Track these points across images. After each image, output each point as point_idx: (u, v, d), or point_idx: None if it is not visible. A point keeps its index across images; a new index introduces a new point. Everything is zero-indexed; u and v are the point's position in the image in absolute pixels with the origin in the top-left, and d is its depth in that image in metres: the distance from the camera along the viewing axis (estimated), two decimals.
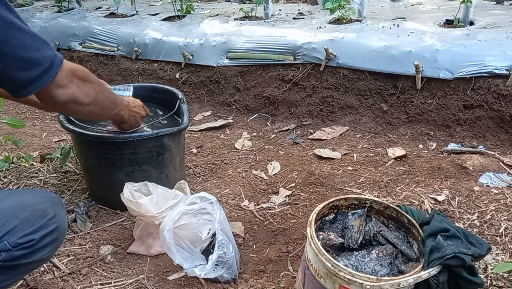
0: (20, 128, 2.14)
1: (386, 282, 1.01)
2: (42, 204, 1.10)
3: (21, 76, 1.02)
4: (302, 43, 2.53)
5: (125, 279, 1.43)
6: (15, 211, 1.05)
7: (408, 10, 3.05)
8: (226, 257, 1.36)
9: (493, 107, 2.05)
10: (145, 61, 3.11)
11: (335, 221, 1.28)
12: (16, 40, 0.98)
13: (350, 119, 2.42)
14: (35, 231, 1.05)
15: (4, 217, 1.03)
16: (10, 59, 0.98)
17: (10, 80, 1.02)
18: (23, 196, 1.13)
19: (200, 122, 2.69)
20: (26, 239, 1.03)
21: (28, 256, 1.05)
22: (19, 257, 1.03)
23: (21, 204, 1.08)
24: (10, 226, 1.02)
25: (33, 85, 1.04)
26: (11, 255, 1.02)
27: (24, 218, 1.05)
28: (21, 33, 0.99)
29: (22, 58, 1.00)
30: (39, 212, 1.08)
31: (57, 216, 1.11)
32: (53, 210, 1.11)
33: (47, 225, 1.08)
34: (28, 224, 1.05)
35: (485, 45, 2.12)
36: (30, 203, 1.09)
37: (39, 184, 1.96)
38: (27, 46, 1.00)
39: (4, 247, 1.01)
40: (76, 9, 4.00)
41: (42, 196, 1.14)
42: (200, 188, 1.96)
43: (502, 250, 1.42)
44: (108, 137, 1.59)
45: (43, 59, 1.03)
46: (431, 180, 1.85)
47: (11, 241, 1.02)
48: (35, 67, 1.02)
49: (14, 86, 1.04)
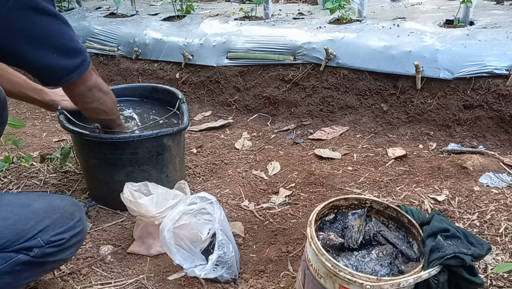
0: (20, 128, 2.14)
1: (386, 282, 1.01)
2: (70, 207, 1.20)
3: (69, 63, 1.21)
4: (302, 43, 2.53)
5: (125, 279, 1.43)
6: (47, 211, 1.14)
7: (408, 10, 3.05)
8: (226, 257, 1.36)
9: (493, 107, 2.05)
10: (145, 61, 3.11)
11: (335, 221, 1.28)
12: (66, 34, 1.19)
13: (350, 119, 2.42)
14: (65, 231, 1.15)
15: (37, 216, 1.12)
16: (62, 48, 1.18)
17: (57, 69, 1.20)
18: (52, 198, 1.23)
19: (200, 122, 2.69)
20: (57, 237, 1.13)
21: (56, 254, 1.14)
22: (48, 254, 1.12)
23: (52, 205, 1.17)
24: (44, 224, 1.11)
25: (77, 70, 1.24)
26: (43, 251, 1.10)
27: (55, 219, 1.14)
28: (67, 27, 1.20)
29: (70, 48, 1.20)
30: (67, 214, 1.17)
31: (82, 219, 1.22)
32: (79, 214, 1.21)
33: (75, 227, 1.18)
34: (59, 224, 1.14)
35: (485, 45, 2.12)
36: (59, 205, 1.18)
37: (39, 184, 1.96)
38: (72, 38, 1.21)
39: (37, 243, 1.09)
40: (76, 9, 4.00)
41: (68, 199, 1.25)
42: (200, 188, 1.96)
43: (502, 250, 1.42)
44: (108, 138, 1.58)
45: (82, 48, 1.25)
46: (431, 180, 1.85)
47: (44, 239, 1.10)
48: (78, 55, 1.23)
49: (61, 74, 1.22)
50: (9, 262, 1.07)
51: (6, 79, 1.54)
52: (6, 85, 1.54)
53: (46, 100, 1.68)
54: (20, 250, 1.08)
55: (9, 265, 1.07)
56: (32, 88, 1.62)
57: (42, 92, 1.65)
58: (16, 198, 1.21)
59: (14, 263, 1.07)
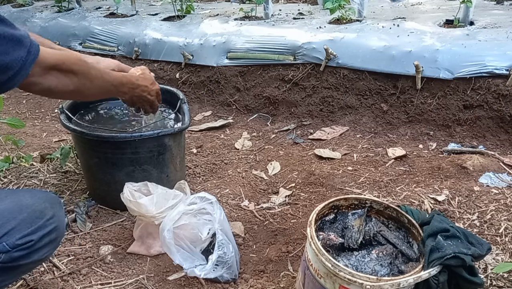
0: (20, 128, 2.14)
1: (386, 282, 1.01)
2: (40, 205, 1.10)
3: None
4: (302, 43, 2.53)
5: (125, 279, 1.43)
6: (12, 212, 1.05)
7: (408, 10, 3.05)
8: (226, 257, 1.36)
9: (493, 107, 2.05)
10: (145, 61, 3.11)
11: (335, 221, 1.28)
12: None
13: (350, 119, 2.42)
14: (34, 232, 1.05)
15: (1, 218, 1.03)
16: None
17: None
18: (20, 196, 1.12)
19: (200, 122, 2.69)
20: (24, 240, 1.04)
21: (27, 256, 1.05)
22: (18, 258, 1.04)
23: (18, 205, 1.07)
24: (8, 227, 1.02)
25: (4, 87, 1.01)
26: (10, 256, 1.02)
27: (22, 219, 1.05)
28: None
29: None
30: (37, 212, 1.08)
31: (55, 216, 1.11)
32: (51, 210, 1.11)
33: (45, 226, 1.08)
34: (26, 225, 1.05)
35: (485, 45, 2.12)
36: (27, 204, 1.08)
37: (39, 184, 1.96)
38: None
39: (2, 248, 1.01)
40: (76, 9, 4.00)
41: (39, 196, 1.14)
42: (200, 188, 1.96)
43: (502, 250, 1.42)
44: (109, 137, 1.59)
45: (12, 63, 0.98)
46: (431, 180, 1.85)
47: (9, 243, 1.02)
48: (4, 72, 0.99)
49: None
50: None
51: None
52: None
53: None
54: None
55: None
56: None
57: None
58: None
59: None
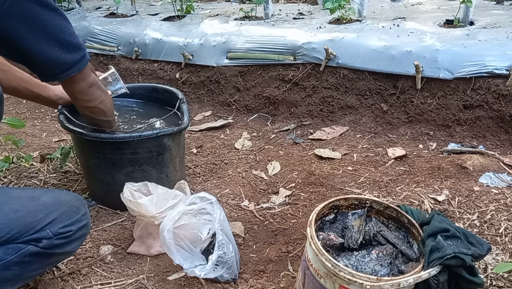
0: (20, 128, 2.14)
1: (386, 282, 1.01)
2: (75, 202, 1.24)
3: (68, 58, 1.24)
4: (302, 43, 2.53)
5: (125, 279, 1.43)
6: (55, 204, 1.18)
7: (408, 10, 3.05)
8: (226, 257, 1.36)
9: (493, 107, 2.05)
10: (145, 61, 3.11)
11: (335, 221, 1.28)
12: (67, 29, 1.22)
13: (350, 119, 2.42)
14: (72, 224, 1.19)
15: (46, 209, 1.15)
16: (63, 43, 1.21)
17: (58, 63, 1.23)
18: (58, 193, 1.26)
19: (200, 122, 2.69)
20: (65, 229, 1.17)
21: (63, 246, 1.18)
22: (56, 246, 1.16)
23: (59, 199, 1.21)
24: (52, 217, 1.15)
25: (75, 66, 1.27)
26: (51, 243, 1.14)
27: (63, 211, 1.18)
28: (68, 23, 1.23)
29: (71, 43, 1.23)
30: (74, 207, 1.22)
31: (87, 214, 1.26)
32: (84, 208, 1.25)
33: (81, 220, 1.22)
34: (66, 216, 1.18)
35: (485, 45, 2.12)
36: (66, 199, 1.22)
37: (39, 184, 1.96)
38: (72, 33, 1.24)
39: (46, 235, 1.13)
40: (76, 9, 4.00)
41: (73, 195, 1.29)
42: (200, 188, 1.96)
43: (502, 250, 1.42)
44: (108, 137, 1.58)
45: (82, 45, 1.28)
46: (431, 180, 1.85)
47: (53, 230, 1.14)
48: (78, 51, 1.26)
49: (60, 69, 1.25)
50: (19, 252, 1.10)
51: (11, 75, 1.54)
52: (11, 82, 1.53)
53: (51, 96, 1.66)
54: (30, 241, 1.11)
55: (19, 256, 1.10)
56: (37, 84, 1.61)
57: (47, 88, 1.65)
58: (25, 192, 1.24)
59: (23, 254, 1.10)
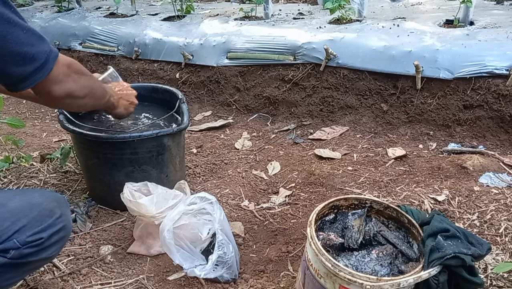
0: (20, 128, 2.13)
1: (386, 282, 1.01)
2: (49, 204, 1.13)
3: (16, 72, 1.02)
4: (302, 43, 2.53)
5: (125, 279, 1.43)
6: (24, 210, 1.08)
7: (408, 10, 3.05)
8: (226, 257, 1.36)
9: (493, 107, 2.05)
10: (145, 61, 3.11)
11: (335, 221, 1.28)
12: (12, 36, 0.98)
13: (350, 119, 2.42)
14: (44, 230, 1.08)
15: (13, 216, 1.06)
16: (5, 54, 0.98)
17: (5, 75, 1.03)
18: (30, 195, 1.15)
19: (200, 122, 2.69)
20: (35, 237, 1.06)
21: (36, 254, 1.08)
22: (27, 255, 1.06)
23: (29, 203, 1.10)
24: (20, 224, 1.05)
25: (28, 80, 1.04)
26: (20, 253, 1.05)
27: (33, 217, 1.08)
28: (17, 29, 0.99)
29: (17, 54, 1.00)
30: (46, 211, 1.11)
31: (63, 216, 1.15)
32: (60, 210, 1.14)
33: (55, 224, 1.11)
34: (36, 223, 1.08)
35: (485, 45, 2.12)
36: (37, 203, 1.11)
37: (39, 184, 1.96)
38: (22, 41, 1.00)
39: (13, 245, 1.03)
40: (76, 9, 4.00)
41: (48, 195, 1.18)
42: (200, 188, 1.96)
43: (502, 250, 1.42)
44: (108, 137, 1.59)
45: (38, 54, 1.03)
46: (431, 180, 1.85)
47: (20, 239, 1.04)
48: (30, 62, 1.03)
49: (10, 81, 1.05)
50: None
51: None
52: None
53: None
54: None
55: None
56: None
57: None
58: None
59: None
